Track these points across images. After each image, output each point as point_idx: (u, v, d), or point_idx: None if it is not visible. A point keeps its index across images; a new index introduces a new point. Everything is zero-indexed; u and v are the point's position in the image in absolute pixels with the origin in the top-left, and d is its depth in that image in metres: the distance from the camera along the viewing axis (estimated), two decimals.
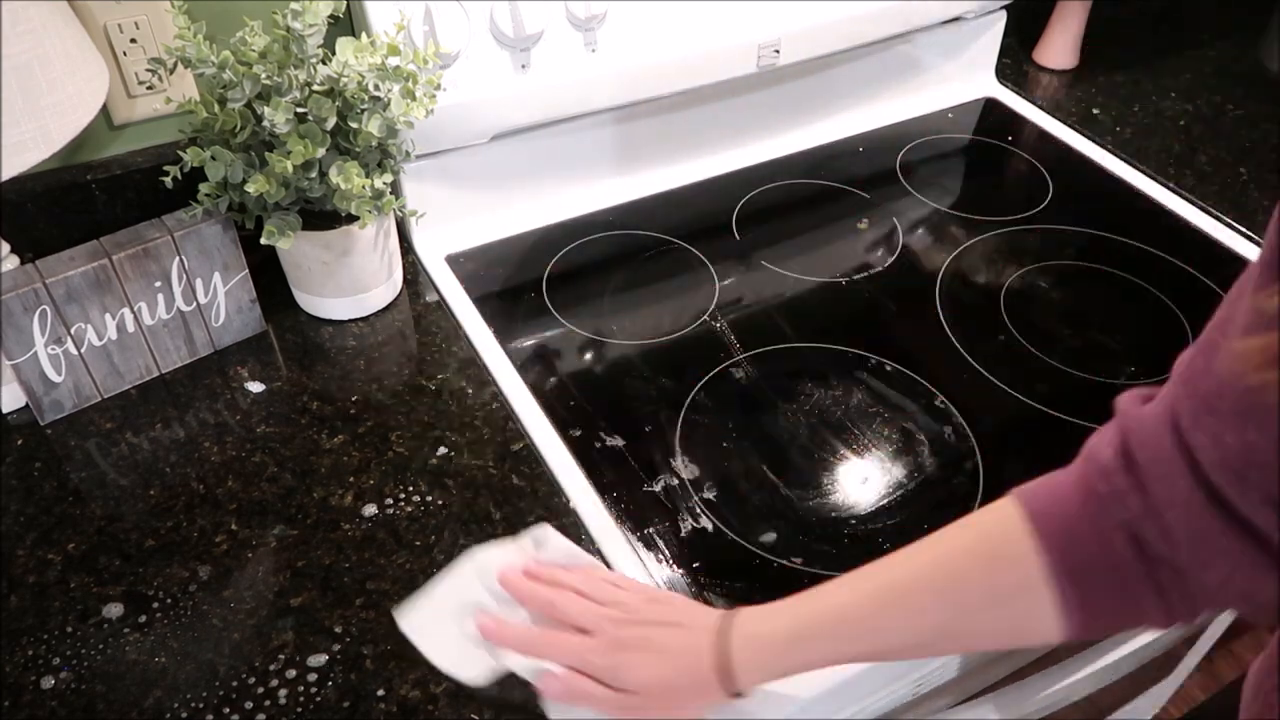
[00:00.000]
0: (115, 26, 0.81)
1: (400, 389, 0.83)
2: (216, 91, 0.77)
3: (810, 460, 0.79)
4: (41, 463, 0.77)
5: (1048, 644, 0.52)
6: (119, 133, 0.88)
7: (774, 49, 1.01)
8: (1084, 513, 0.46)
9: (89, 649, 0.65)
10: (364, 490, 0.75)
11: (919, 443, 0.81)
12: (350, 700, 0.62)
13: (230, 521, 0.73)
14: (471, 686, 0.61)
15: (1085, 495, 0.47)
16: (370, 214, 0.80)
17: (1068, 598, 0.47)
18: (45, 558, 0.70)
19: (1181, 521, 0.43)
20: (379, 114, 0.78)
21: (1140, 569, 0.45)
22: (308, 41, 0.76)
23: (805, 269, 0.99)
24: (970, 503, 0.76)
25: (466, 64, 0.89)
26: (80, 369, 0.80)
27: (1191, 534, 0.42)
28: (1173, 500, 0.43)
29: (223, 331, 0.86)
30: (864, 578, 0.55)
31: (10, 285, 0.74)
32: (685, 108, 1.06)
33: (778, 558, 0.72)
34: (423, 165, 0.94)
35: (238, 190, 0.78)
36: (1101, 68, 1.29)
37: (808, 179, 1.11)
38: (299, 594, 0.68)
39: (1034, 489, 0.50)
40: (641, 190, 1.08)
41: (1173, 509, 0.43)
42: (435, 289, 0.94)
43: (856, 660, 0.57)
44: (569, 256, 1.00)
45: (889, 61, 1.17)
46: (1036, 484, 0.51)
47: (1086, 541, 0.46)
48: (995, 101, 1.24)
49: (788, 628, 0.56)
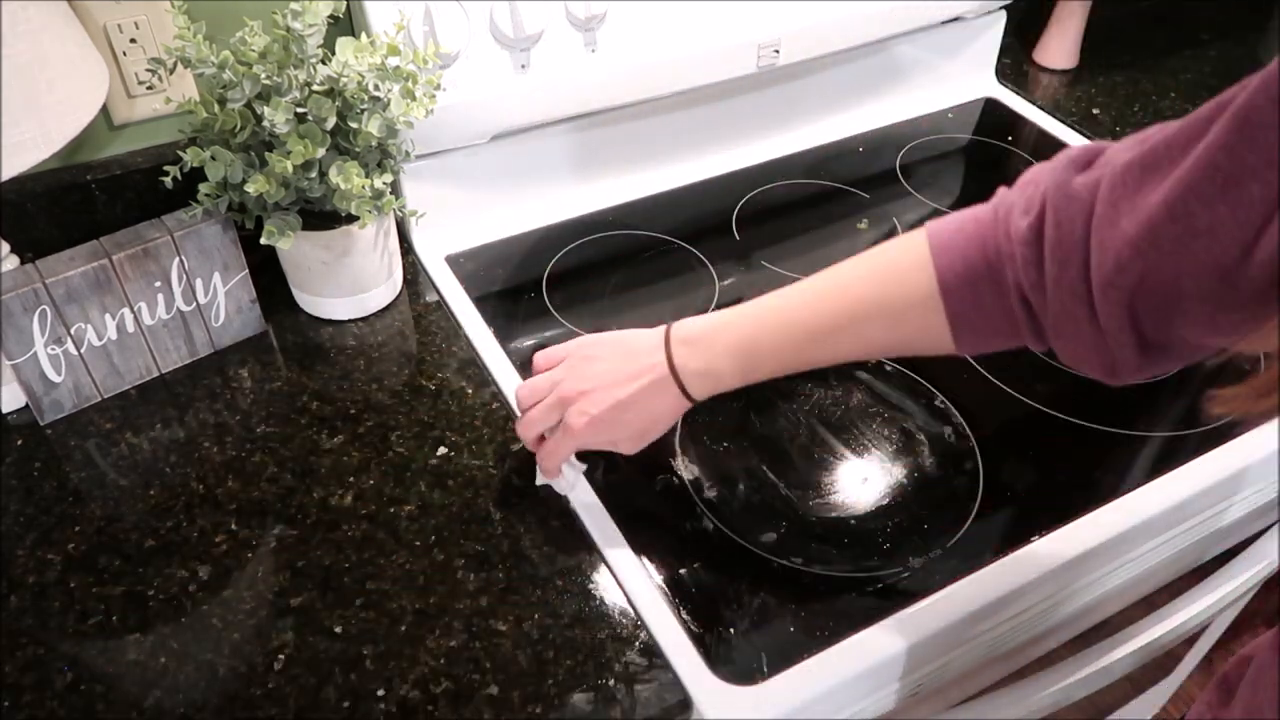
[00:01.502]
0: (115, 26, 0.81)
1: (400, 389, 0.83)
2: (216, 91, 0.77)
3: (810, 460, 0.79)
4: (41, 463, 0.77)
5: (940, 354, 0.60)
6: (119, 133, 0.88)
7: (774, 49, 1.01)
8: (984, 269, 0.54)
9: (89, 649, 0.65)
10: (364, 490, 0.75)
11: (919, 443, 0.81)
12: (350, 700, 0.62)
13: (230, 521, 0.73)
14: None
15: (987, 247, 0.54)
16: (370, 214, 0.80)
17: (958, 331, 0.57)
18: (45, 558, 0.70)
19: (1059, 302, 0.51)
20: (379, 114, 0.78)
21: (1022, 320, 0.54)
22: (308, 41, 0.76)
23: (805, 269, 0.98)
24: (970, 503, 0.76)
25: (466, 64, 0.89)
26: (80, 369, 0.79)
27: (1063, 313, 0.51)
28: (1060, 283, 0.50)
29: (223, 331, 0.86)
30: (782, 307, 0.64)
31: (10, 285, 0.74)
32: (685, 108, 1.06)
33: (778, 558, 0.72)
34: (423, 165, 0.94)
35: (238, 190, 0.78)
36: (1101, 68, 1.29)
37: (808, 179, 1.11)
38: (299, 594, 0.68)
39: (943, 229, 0.58)
40: (641, 190, 1.08)
41: (1059, 290, 0.50)
42: (435, 289, 0.94)
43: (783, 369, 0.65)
44: (569, 256, 1.00)
45: (889, 61, 1.17)
46: (946, 225, 0.58)
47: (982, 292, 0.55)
48: (995, 101, 1.24)
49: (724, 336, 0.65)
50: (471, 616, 0.67)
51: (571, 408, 0.68)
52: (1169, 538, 0.81)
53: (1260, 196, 0.41)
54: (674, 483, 0.77)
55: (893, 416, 0.83)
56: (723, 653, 0.66)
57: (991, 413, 0.84)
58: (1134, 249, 0.46)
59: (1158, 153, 0.46)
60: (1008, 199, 0.55)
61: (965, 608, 0.69)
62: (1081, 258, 0.49)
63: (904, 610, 0.68)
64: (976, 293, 0.55)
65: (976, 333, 0.57)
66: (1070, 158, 0.52)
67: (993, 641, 0.75)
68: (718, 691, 0.63)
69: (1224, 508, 0.83)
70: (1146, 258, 0.45)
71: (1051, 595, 0.76)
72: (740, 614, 0.68)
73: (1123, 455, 0.80)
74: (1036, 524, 0.74)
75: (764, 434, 0.81)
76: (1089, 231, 0.49)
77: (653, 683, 0.63)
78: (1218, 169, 0.42)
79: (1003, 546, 0.73)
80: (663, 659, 0.65)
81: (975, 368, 0.87)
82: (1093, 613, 0.89)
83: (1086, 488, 0.77)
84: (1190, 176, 0.43)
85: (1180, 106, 1.22)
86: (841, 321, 0.61)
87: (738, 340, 0.64)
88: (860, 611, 0.68)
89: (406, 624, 0.66)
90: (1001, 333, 0.56)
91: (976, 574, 0.71)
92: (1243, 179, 0.41)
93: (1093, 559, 0.74)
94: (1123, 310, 0.48)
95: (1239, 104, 0.41)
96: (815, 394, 0.85)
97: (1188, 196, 0.43)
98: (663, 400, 0.67)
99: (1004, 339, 0.57)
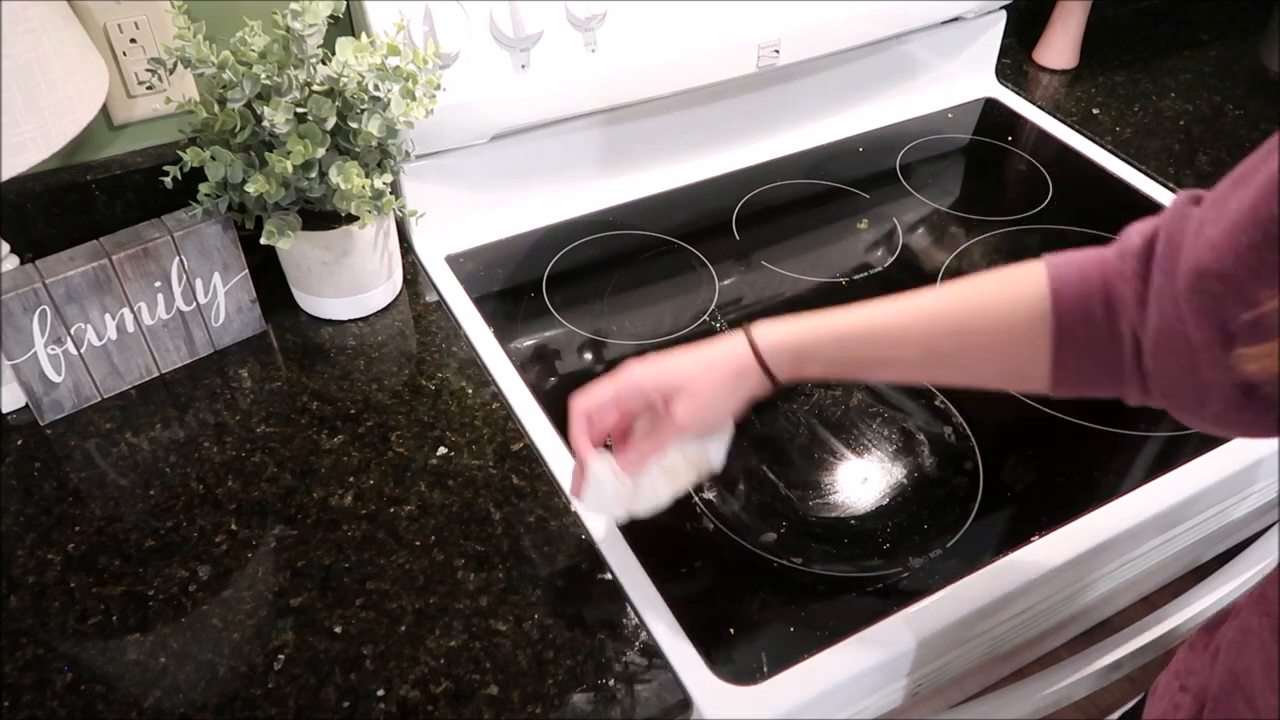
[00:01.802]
0: (115, 26, 0.81)
1: (400, 389, 0.83)
2: (216, 91, 0.77)
3: (810, 460, 0.79)
4: (41, 463, 0.77)
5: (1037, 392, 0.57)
6: (119, 133, 0.88)
7: (774, 49, 1.01)
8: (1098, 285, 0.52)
9: (89, 649, 0.65)
10: (364, 490, 0.75)
11: (919, 443, 0.81)
12: (350, 700, 0.62)
13: (230, 521, 0.73)
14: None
15: (1104, 270, 0.53)
16: (370, 214, 0.80)
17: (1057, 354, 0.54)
18: (45, 558, 0.70)
19: (1158, 314, 0.49)
20: (379, 114, 0.78)
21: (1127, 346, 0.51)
22: (308, 41, 0.76)
23: (805, 269, 0.99)
24: (970, 503, 0.76)
25: (466, 64, 0.89)
26: (80, 369, 0.79)
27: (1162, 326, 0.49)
28: (1161, 293, 0.48)
29: (223, 331, 0.86)
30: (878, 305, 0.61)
31: (10, 285, 0.74)
32: (685, 108, 1.06)
33: (778, 558, 0.72)
34: (423, 165, 0.94)
35: (238, 190, 0.78)
36: (1101, 68, 1.29)
37: (808, 179, 1.11)
38: (299, 594, 0.68)
39: (1063, 257, 0.55)
40: (642, 190, 1.08)
41: (1159, 300, 0.49)
42: (435, 289, 0.94)
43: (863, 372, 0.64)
44: (569, 256, 1.00)
45: (889, 61, 1.17)
46: (1068, 254, 0.56)
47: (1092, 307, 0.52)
48: (995, 101, 1.24)
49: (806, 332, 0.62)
50: (471, 616, 0.67)
51: (674, 398, 0.63)
52: (1169, 538, 0.81)
53: None
54: None
55: (893, 416, 0.83)
56: (723, 653, 0.66)
57: (991, 413, 0.84)
58: (1215, 253, 0.45)
59: (1245, 168, 0.45)
60: (1128, 230, 0.54)
61: (965, 608, 0.69)
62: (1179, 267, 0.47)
63: (904, 610, 0.68)
64: (1087, 308, 0.53)
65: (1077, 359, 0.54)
66: (1190, 194, 0.51)
67: (993, 641, 0.75)
68: (718, 691, 0.63)
69: (1224, 508, 0.83)
70: (1226, 262, 0.44)
71: (1051, 595, 0.76)
72: (740, 614, 0.68)
73: (1123, 455, 0.80)
74: (1036, 524, 0.74)
75: (764, 434, 0.81)
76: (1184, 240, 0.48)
77: (653, 683, 0.63)
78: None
79: (1003, 546, 0.73)
80: (663, 659, 0.65)
81: None
82: (1093, 613, 0.89)
83: (1086, 488, 0.77)
84: (1271, 181, 0.42)
85: (1180, 106, 1.22)
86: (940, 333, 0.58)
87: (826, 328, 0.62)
88: (860, 611, 0.68)
89: (406, 624, 0.66)
90: (1104, 361, 0.53)
91: (976, 574, 0.71)
92: None
93: (1093, 559, 0.74)
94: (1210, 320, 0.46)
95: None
96: (815, 394, 0.85)
97: (1269, 199, 0.42)
98: (749, 383, 0.63)
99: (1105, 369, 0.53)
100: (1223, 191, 0.46)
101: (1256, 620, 0.47)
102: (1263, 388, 0.46)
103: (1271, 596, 0.46)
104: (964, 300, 0.58)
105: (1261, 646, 0.45)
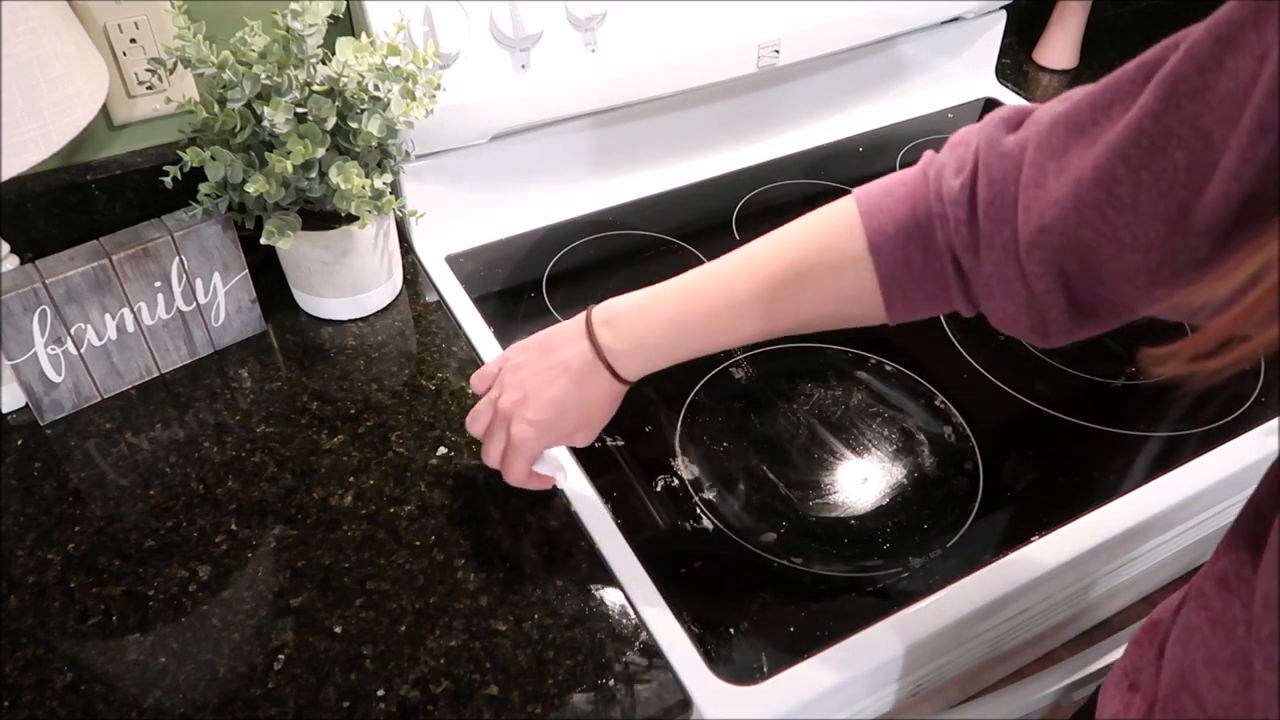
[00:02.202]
0: (115, 26, 0.81)
1: (400, 389, 0.83)
2: (216, 91, 0.77)
3: (810, 460, 0.79)
4: (41, 463, 0.77)
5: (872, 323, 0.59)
6: (119, 133, 0.88)
7: (774, 49, 1.01)
8: (914, 229, 0.54)
9: (89, 649, 0.65)
10: (364, 490, 0.75)
11: (919, 443, 0.81)
12: (350, 700, 0.62)
13: (230, 521, 0.73)
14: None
15: (917, 209, 0.54)
16: (370, 214, 0.80)
17: (889, 295, 0.56)
18: (45, 558, 0.70)
19: (991, 262, 0.50)
20: (379, 114, 0.78)
21: (953, 282, 0.53)
22: (307, 41, 0.76)
23: None
24: (970, 503, 0.76)
25: (466, 64, 0.89)
26: (80, 369, 0.79)
27: (995, 273, 0.51)
28: (992, 243, 0.50)
29: (223, 331, 0.86)
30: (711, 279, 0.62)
31: (10, 285, 0.74)
32: (685, 108, 1.06)
33: (778, 558, 0.72)
34: (423, 165, 0.94)
35: (238, 190, 0.78)
36: (1101, 68, 1.28)
37: (808, 179, 1.11)
38: (299, 594, 0.68)
39: (871, 192, 0.57)
40: (641, 190, 1.08)
41: (991, 251, 0.50)
42: (435, 289, 0.94)
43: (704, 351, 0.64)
44: (569, 256, 1.00)
45: (889, 61, 1.17)
46: (873, 188, 0.57)
47: (911, 252, 0.54)
48: (995, 102, 1.24)
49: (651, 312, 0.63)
50: (471, 616, 0.67)
51: (512, 422, 0.66)
52: (1169, 538, 0.81)
53: (1185, 165, 0.40)
54: (674, 483, 0.77)
55: (893, 416, 0.83)
56: (723, 653, 0.66)
57: (991, 413, 0.84)
58: (1059, 209, 0.46)
59: (1081, 112, 0.46)
60: (937, 160, 0.55)
61: (965, 608, 0.69)
62: (1014, 217, 0.49)
63: (904, 610, 0.68)
64: (907, 254, 0.54)
65: (907, 297, 0.56)
66: (1001, 117, 0.52)
67: (993, 641, 0.75)
68: (718, 691, 0.63)
69: (1224, 508, 0.83)
70: (1070, 220, 0.45)
71: (1051, 595, 0.76)
72: (740, 614, 0.68)
73: (1123, 455, 0.80)
74: (1036, 524, 0.74)
75: (764, 434, 0.81)
76: (1019, 191, 0.49)
77: (653, 683, 0.63)
78: (1144, 134, 0.41)
79: (1003, 546, 0.73)
80: (663, 659, 0.65)
81: (975, 368, 0.88)
82: (1093, 613, 0.89)
83: (1086, 488, 0.77)
84: (1117, 141, 0.43)
85: None
86: (773, 292, 0.59)
87: (667, 316, 0.62)
88: (860, 611, 0.68)
89: (406, 624, 0.66)
90: (932, 296, 0.55)
91: (976, 574, 0.71)
92: (1168, 147, 0.40)
93: (1093, 559, 0.74)
94: (1051, 271, 0.48)
95: (1166, 71, 0.41)
96: (815, 394, 0.85)
97: (1114, 161, 0.43)
98: (596, 386, 0.65)
99: (935, 303, 0.56)
100: (1059, 136, 0.47)
101: (1195, 616, 0.47)
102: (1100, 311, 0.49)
103: (1207, 591, 0.46)
104: (792, 262, 0.59)
105: (1203, 642, 0.45)
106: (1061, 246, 0.47)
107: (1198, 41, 0.39)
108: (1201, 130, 0.39)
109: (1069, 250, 0.46)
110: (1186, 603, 0.49)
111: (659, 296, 0.63)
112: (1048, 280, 0.48)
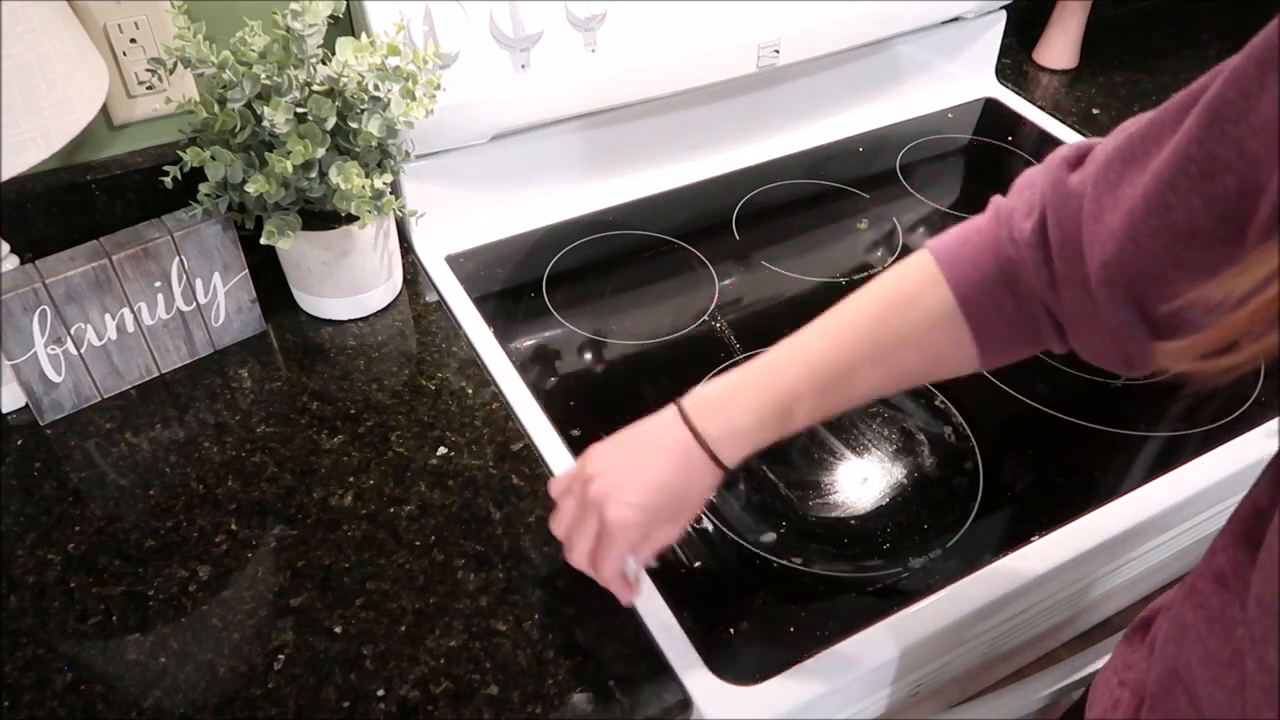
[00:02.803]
0: (115, 26, 0.81)
1: (400, 389, 0.83)
2: (216, 91, 0.77)
3: (810, 460, 0.79)
4: (41, 463, 0.77)
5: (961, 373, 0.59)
6: (119, 133, 0.88)
7: (774, 49, 1.01)
8: (998, 275, 0.54)
9: (89, 649, 0.65)
10: (364, 490, 0.75)
11: (919, 443, 0.81)
12: (350, 700, 0.62)
13: (230, 521, 0.73)
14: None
15: (999, 254, 0.54)
16: (370, 214, 0.80)
17: (982, 342, 0.56)
18: (45, 558, 0.70)
19: (1071, 300, 0.51)
20: (379, 114, 0.78)
21: (1044, 322, 0.54)
22: (308, 41, 0.76)
23: (805, 269, 0.99)
24: (970, 503, 0.76)
25: (466, 64, 0.89)
26: (80, 369, 0.79)
27: (1077, 309, 0.51)
28: (1070, 282, 0.50)
29: (222, 331, 0.86)
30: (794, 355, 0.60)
31: (10, 285, 0.74)
32: (685, 108, 1.06)
33: (778, 558, 0.72)
34: (423, 165, 0.94)
35: (238, 190, 0.78)
36: (1101, 68, 1.29)
37: (808, 179, 1.11)
38: (299, 594, 0.68)
39: (947, 243, 0.57)
40: (641, 190, 1.08)
41: (1069, 289, 0.51)
42: (435, 289, 0.94)
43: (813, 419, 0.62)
44: (569, 256, 1.00)
45: (889, 61, 1.17)
46: (949, 239, 0.57)
47: (1001, 299, 0.54)
48: (995, 101, 1.24)
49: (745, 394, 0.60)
50: (471, 616, 0.67)
51: (606, 507, 0.59)
52: (1168, 538, 0.81)
53: (1236, 189, 0.40)
54: None
55: (893, 416, 0.83)
56: (723, 653, 0.66)
57: (991, 413, 0.84)
58: (1116, 242, 0.46)
59: (1133, 144, 0.46)
60: (1005, 205, 0.55)
61: (965, 608, 0.69)
62: (1082, 255, 0.49)
63: (904, 610, 0.68)
64: (997, 302, 0.54)
65: (1000, 341, 0.56)
66: (1063, 156, 0.52)
67: (992, 641, 0.75)
68: (717, 691, 0.63)
69: (1224, 508, 0.83)
70: (1127, 251, 0.46)
71: (1051, 595, 0.76)
72: (740, 614, 0.68)
73: (1123, 455, 0.80)
74: (1036, 524, 0.74)
75: None
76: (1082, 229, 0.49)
77: (653, 683, 0.63)
78: (1191, 161, 0.42)
79: (1003, 546, 0.73)
80: (663, 659, 0.65)
81: None
82: (1092, 613, 0.89)
83: (1086, 488, 0.77)
84: (1165, 169, 0.43)
85: None
86: (868, 355, 0.58)
87: (762, 396, 0.59)
88: (860, 612, 0.68)
89: (406, 624, 0.66)
90: (1025, 338, 0.56)
91: (976, 574, 0.71)
92: (1216, 172, 0.41)
93: (1093, 559, 0.74)
94: (1124, 303, 0.48)
95: (1209, 97, 0.41)
96: None
97: (1163, 189, 0.43)
98: (697, 473, 0.60)
99: (1027, 344, 0.56)
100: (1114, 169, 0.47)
101: (1190, 614, 0.47)
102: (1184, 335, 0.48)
103: (1203, 589, 0.46)
104: (880, 325, 0.58)
105: (1199, 640, 0.46)
106: (1128, 279, 0.46)
107: (1239, 66, 0.40)
108: (1248, 155, 0.39)
109: (1139, 280, 0.46)
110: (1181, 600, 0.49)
111: (749, 379, 0.60)
112: (1123, 313, 0.48)
